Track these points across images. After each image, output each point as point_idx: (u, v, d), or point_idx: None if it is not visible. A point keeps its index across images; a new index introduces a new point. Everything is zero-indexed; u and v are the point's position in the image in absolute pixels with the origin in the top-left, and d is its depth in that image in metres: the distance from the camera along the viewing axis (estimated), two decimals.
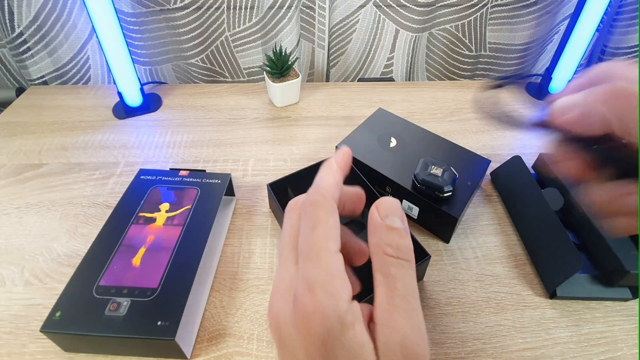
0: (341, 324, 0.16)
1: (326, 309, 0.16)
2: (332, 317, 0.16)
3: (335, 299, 0.16)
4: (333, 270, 0.17)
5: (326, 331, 0.16)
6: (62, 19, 0.71)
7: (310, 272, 0.17)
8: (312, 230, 0.18)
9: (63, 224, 0.49)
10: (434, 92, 0.77)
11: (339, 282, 0.17)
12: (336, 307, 0.16)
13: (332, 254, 0.17)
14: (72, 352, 0.37)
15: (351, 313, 0.16)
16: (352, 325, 0.16)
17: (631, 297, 0.41)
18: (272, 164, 0.59)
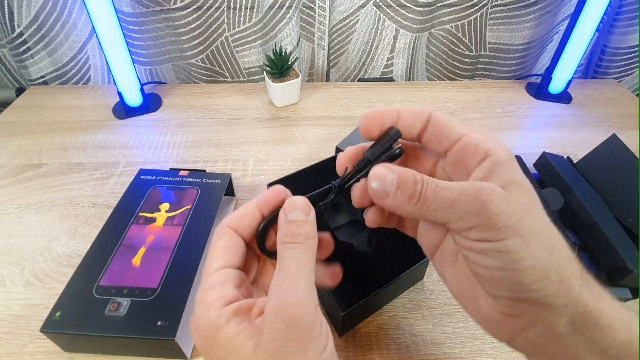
0: (214, 327, 0.18)
1: (199, 321, 0.19)
2: (205, 326, 0.19)
3: (206, 310, 0.19)
4: (208, 285, 0.20)
5: (203, 338, 0.19)
6: (62, 19, 0.71)
7: (198, 292, 0.20)
8: (207, 256, 0.21)
9: (63, 224, 0.49)
10: (434, 92, 0.77)
11: (211, 295, 0.19)
12: (207, 317, 0.18)
13: (212, 273, 0.20)
14: (72, 352, 0.37)
15: (224, 314, 0.18)
16: (227, 323, 0.18)
17: (631, 297, 0.41)
18: (272, 164, 0.59)
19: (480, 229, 0.18)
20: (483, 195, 0.18)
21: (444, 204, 0.19)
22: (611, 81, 0.82)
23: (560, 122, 0.69)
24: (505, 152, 0.20)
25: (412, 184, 0.19)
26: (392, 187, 0.19)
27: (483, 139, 0.20)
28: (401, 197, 0.19)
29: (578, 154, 0.55)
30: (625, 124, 0.69)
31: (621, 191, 0.45)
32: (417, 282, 0.43)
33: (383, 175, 0.20)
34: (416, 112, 0.22)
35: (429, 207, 0.19)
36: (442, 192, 0.19)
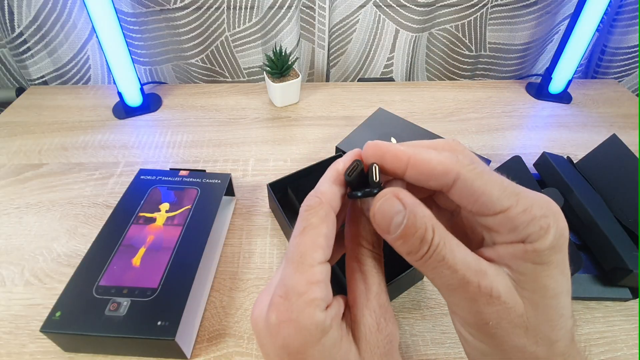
0: (321, 329, 0.16)
1: (302, 318, 0.16)
2: (309, 326, 0.16)
3: (313, 308, 0.16)
4: (314, 279, 0.17)
5: (302, 339, 0.16)
6: (62, 19, 0.71)
7: (289, 278, 0.17)
8: (301, 235, 0.18)
9: (63, 224, 0.49)
10: (434, 92, 0.77)
11: (316, 291, 0.17)
12: (313, 316, 0.16)
13: (315, 264, 0.17)
14: (72, 352, 0.37)
15: (329, 317, 0.17)
16: (331, 326, 0.17)
17: (631, 297, 0.41)
18: (272, 164, 0.59)
19: (466, 321, 0.17)
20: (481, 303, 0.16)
21: (441, 282, 0.17)
22: (611, 81, 0.82)
23: (560, 122, 0.69)
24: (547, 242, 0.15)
25: (419, 242, 0.16)
26: (396, 232, 0.16)
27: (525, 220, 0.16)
28: (401, 246, 0.17)
29: (578, 154, 0.55)
30: (625, 124, 0.69)
31: (621, 191, 0.45)
32: (417, 282, 0.43)
33: (390, 213, 0.16)
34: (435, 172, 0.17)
35: (425, 272, 0.17)
36: (444, 270, 0.16)
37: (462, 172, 0.16)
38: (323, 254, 0.17)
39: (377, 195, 0.17)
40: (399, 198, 0.16)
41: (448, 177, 0.17)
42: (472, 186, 0.16)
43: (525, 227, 0.16)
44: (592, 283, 0.41)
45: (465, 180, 0.16)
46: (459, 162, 0.17)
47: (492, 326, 0.16)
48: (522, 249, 0.16)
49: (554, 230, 0.16)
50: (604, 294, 0.41)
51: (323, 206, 0.18)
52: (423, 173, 0.17)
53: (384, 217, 0.17)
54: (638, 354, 0.19)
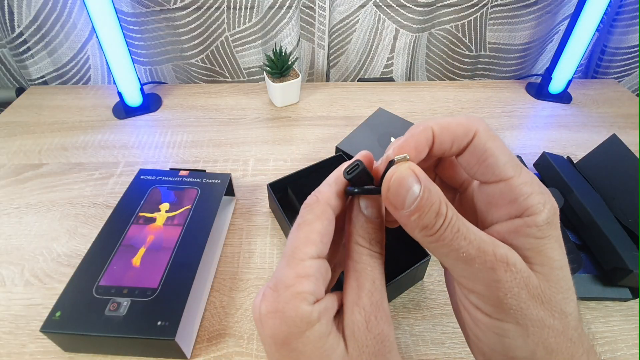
0: (306, 321, 0.16)
1: (286, 309, 0.16)
2: (293, 316, 0.16)
3: (298, 300, 0.17)
4: (303, 273, 0.17)
5: (287, 329, 0.17)
6: (62, 19, 0.71)
7: (281, 271, 0.17)
8: (295, 231, 0.18)
9: (63, 224, 0.49)
10: (434, 92, 0.77)
11: (305, 285, 0.17)
12: (298, 308, 0.16)
13: (306, 258, 0.17)
14: (72, 352, 0.37)
15: (317, 311, 0.17)
16: (318, 319, 0.17)
17: (631, 297, 0.41)
18: (272, 164, 0.59)
19: (482, 298, 0.17)
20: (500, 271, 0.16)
21: (457, 255, 0.16)
22: (611, 81, 0.82)
23: (560, 122, 0.69)
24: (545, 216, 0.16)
25: (434, 215, 0.16)
26: (412, 206, 0.16)
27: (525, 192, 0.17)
28: (416, 222, 0.16)
29: (578, 154, 0.55)
30: (625, 124, 0.69)
31: (621, 191, 0.45)
32: (417, 282, 0.43)
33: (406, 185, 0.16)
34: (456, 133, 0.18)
35: (439, 247, 0.16)
36: (461, 241, 0.16)
37: (479, 130, 0.17)
38: (315, 249, 0.18)
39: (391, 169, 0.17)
40: (415, 172, 0.16)
41: (467, 136, 0.17)
42: (484, 145, 0.17)
43: (525, 200, 0.16)
44: (592, 283, 0.41)
45: (480, 138, 0.17)
46: (478, 122, 0.18)
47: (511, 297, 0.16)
48: (522, 223, 0.16)
49: (549, 205, 0.16)
50: (604, 294, 0.41)
51: (319, 204, 0.19)
52: (446, 139, 0.18)
53: (399, 190, 0.16)
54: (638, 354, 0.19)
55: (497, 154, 0.17)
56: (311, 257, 0.17)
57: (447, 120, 0.18)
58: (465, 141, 0.18)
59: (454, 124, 0.18)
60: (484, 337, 0.17)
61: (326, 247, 0.18)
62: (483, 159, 0.17)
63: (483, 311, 0.17)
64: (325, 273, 0.18)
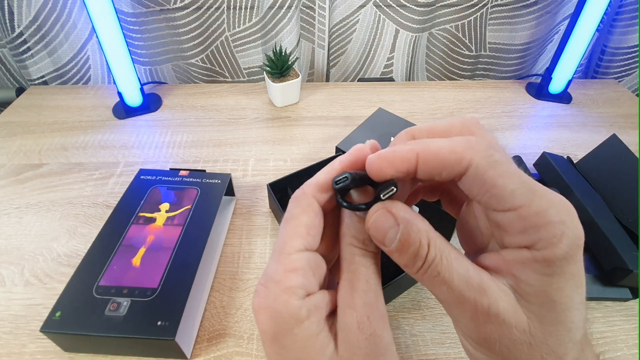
0: (294, 318, 0.16)
1: (276, 305, 0.16)
2: (283, 313, 0.16)
3: (287, 295, 0.16)
4: (291, 267, 0.17)
5: (276, 325, 0.16)
6: (62, 19, 0.71)
7: (270, 267, 0.17)
8: (284, 226, 0.18)
9: (63, 224, 0.49)
10: (434, 92, 0.77)
11: (293, 279, 0.17)
12: (287, 303, 0.16)
13: (293, 252, 0.17)
14: (72, 352, 0.37)
15: (306, 307, 0.16)
16: (307, 317, 0.16)
17: (631, 297, 0.41)
18: (272, 164, 0.59)
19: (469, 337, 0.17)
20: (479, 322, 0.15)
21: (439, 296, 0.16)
22: (611, 81, 0.82)
23: (560, 122, 0.69)
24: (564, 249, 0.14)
25: (413, 257, 0.16)
26: (391, 246, 0.16)
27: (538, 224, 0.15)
28: (397, 259, 0.17)
29: (578, 154, 0.55)
30: (625, 124, 0.69)
31: (621, 191, 0.45)
32: (417, 282, 0.43)
33: (383, 227, 0.16)
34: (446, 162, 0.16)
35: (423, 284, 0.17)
36: (441, 286, 0.16)
37: (475, 159, 0.15)
38: (303, 242, 0.17)
39: (370, 209, 0.17)
40: (392, 213, 0.16)
41: (460, 166, 0.15)
42: (484, 176, 0.15)
43: (537, 231, 0.14)
44: (592, 283, 0.41)
45: (477, 168, 0.15)
46: (473, 148, 0.15)
47: (493, 342, 0.16)
48: (531, 257, 0.15)
49: (568, 238, 0.14)
50: (604, 294, 0.41)
51: (305, 196, 0.18)
52: (434, 167, 0.16)
53: (377, 232, 0.17)
54: (638, 354, 0.19)
55: (500, 183, 0.15)
56: (299, 250, 0.17)
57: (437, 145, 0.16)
58: (458, 170, 0.15)
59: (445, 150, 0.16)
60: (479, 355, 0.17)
61: (315, 239, 0.18)
62: (484, 191, 0.15)
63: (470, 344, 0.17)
64: (316, 266, 0.18)
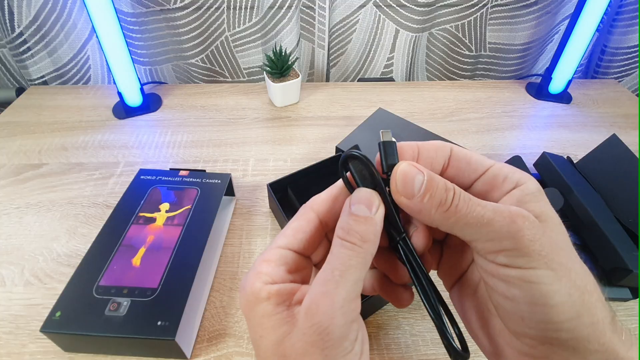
0: (255, 297, 0.18)
1: (246, 286, 0.19)
2: (248, 292, 0.19)
3: (254, 277, 0.19)
4: (267, 258, 0.20)
5: (244, 301, 0.19)
6: (62, 19, 0.71)
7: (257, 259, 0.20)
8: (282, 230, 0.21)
9: (63, 224, 0.49)
10: (434, 92, 0.77)
11: (264, 267, 0.19)
12: (253, 284, 0.19)
13: (274, 248, 0.20)
14: (72, 352, 0.37)
15: (267, 290, 0.18)
16: (267, 298, 0.18)
17: (631, 297, 0.41)
18: (272, 164, 0.59)
19: (510, 253, 0.17)
20: (519, 220, 0.17)
21: (476, 220, 0.17)
22: (611, 81, 0.82)
23: (560, 122, 0.69)
24: (534, 184, 0.19)
25: (444, 190, 0.18)
26: (421, 189, 0.18)
27: (512, 170, 0.19)
28: (429, 202, 0.18)
29: (578, 154, 0.55)
30: (625, 124, 0.69)
31: (621, 191, 0.45)
32: None
33: (411, 174, 0.18)
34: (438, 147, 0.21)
35: (459, 219, 0.18)
36: (475, 207, 0.17)
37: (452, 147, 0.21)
38: (285, 240, 0.20)
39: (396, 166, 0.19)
40: (414, 165, 0.19)
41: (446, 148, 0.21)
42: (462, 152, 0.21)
43: (513, 174, 0.19)
44: None
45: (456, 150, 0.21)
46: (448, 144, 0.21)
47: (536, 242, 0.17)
48: (520, 192, 0.19)
49: (531, 177, 0.19)
50: (604, 294, 0.41)
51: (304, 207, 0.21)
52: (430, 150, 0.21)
53: (406, 180, 0.18)
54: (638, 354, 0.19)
55: (474, 154, 0.21)
56: (278, 247, 0.20)
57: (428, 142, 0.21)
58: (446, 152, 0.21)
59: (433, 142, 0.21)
60: (520, 293, 0.17)
61: (298, 241, 0.20)
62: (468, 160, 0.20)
63: (514, 265, 0.17)
64: (291, 262, 0.20)
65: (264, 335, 0.18)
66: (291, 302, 0.19)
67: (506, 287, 0.18)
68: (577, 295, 0.17)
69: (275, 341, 0.18)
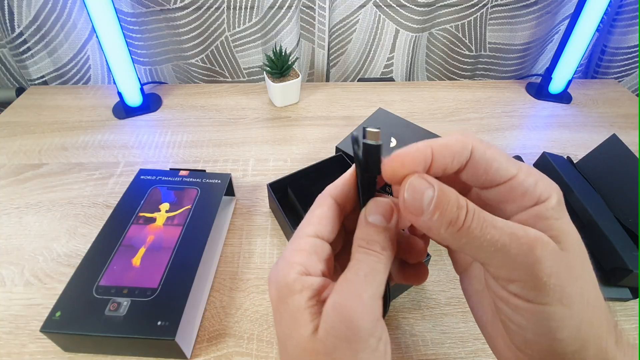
0: (289, 288, 0.18)
1: (278, 277, 0.19)
2: (281, 283, 0.19)
3: (288, 269, 0.19)
4: (298, 247, 0.19)
5: (276, 293, 0.19)
6: (62, 19, 0.71)
7: (285, 248, 0.20)
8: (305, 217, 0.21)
9: (63, 224, 0.49)
10: (434, 92, 0.77)
11: (297, 256, 0.19)
12: (286, 276, 0.19)
13: (304, 236, 0.20)
14: (72, 352, 0.37)
15: (300, 282, 0.18)
16: (300, 291, 0.18)
17: (631, 297, 0.41)
18: (272, 164, 0.59)
19: (523, 285, 0.16)
20: (538, 250, 0.16)
21: (489, 244, 0.16)
22: (611, 81, 0.82)
23: (560, 122, 0.69)
24: (557, 197, 0.18)
25: (455, 208, 0.16)
26: (430, 206, 0.17)
27: (533, 183, 0.18)
28: (439, 220, 0.16)
29: (578, 154, 0.55)
30: (625, 124, 0.69)
31: (621, 191, 0.45)
32: None
33: (420, 189, 0.17)
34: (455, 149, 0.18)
35: (470, 241, 0.16)
36: (490, 229, 0.16)
37: (475, 144, 0.18)
38: (312, 228, 0.20)
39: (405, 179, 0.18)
40: (424, 177, 0.17)
41: (466, 150, 0.18)
42: (484, 155, 0.18)
43: (534, 189, 0.17)
44: None
45: (478, 150, 0.18)
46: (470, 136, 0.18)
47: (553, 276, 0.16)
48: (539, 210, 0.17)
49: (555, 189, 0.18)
50: (604, 294, 0.41)
51: (322, 195, 0.21)
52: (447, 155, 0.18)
53: (415, 197, 0.17)
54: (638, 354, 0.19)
55: (498, 158, 0.18)
56: (307, 235, 0.20)
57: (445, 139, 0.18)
58: (465, 155, 0.18)
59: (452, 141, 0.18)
60: (528, 324, 0.17)
61: (325, 228, 0.20)
62: (489, 167, 0.18)
63: (525, 298, 0.17)
64: (321, 250, 0.20)
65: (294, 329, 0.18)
66: (320, 298, 0.19)
67: (514, 314, 0.18)
68: (586, 329, 0.17)
69: (308, 335, 0.18)
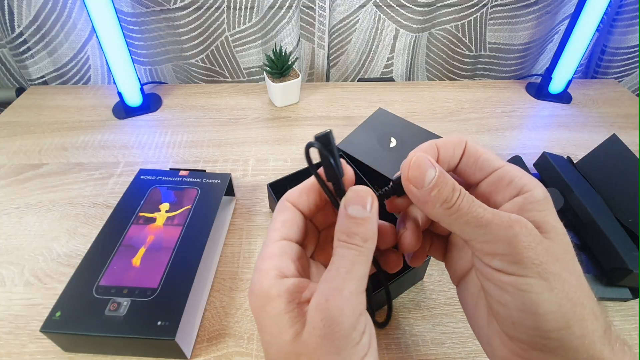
0: (266, 296, 0.19)
1: (254, 287, 0.19)
2: (257, 292, 0.19)
3: (262, 277, 0.19)
4: (268, 254, 0.20)
5: (255, 303, 0.19)
6: (62, 19, 0.71)
7: (257, 259, 0.21)
8: (268, 230, 0.22)
9: (63, 224, 0.49)
10: (434, 92, 0.77)
11: (268, 263, 0.20)
12: (262, 284, 0.19)
13: (271, 243, 0.21)
14: (72, 352, 0.37)
15: (276, 287, 0.19)
16: (277, 297, 0.18)
17: (631, 297, 0.41)
18: (272, 164, 0.59)
19: (504, 258, 0.18)
20: (517, 226, 0.18)
21: (475, 220, 0.18)
22: (611, 81, 0.82)
23: (560, 122, 0.69)
24: (541, 192, 0.19)
25: (451, 190, 0.19)
26: (431, 183, 0.19)
27: (519, 174, 0.20)
28: (436, 196, 0.19)
29: (578, 154, 0.55)
30: (625, 124, 0.69)
31: (621, 191, 0.45)
32: (417, 282, 0.43)
33: (424, 165, 0.19)
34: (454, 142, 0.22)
35: (459, 217, 0.19)
36: (477, 208, 0.18)
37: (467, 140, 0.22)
38: (278, 233, 0.21)
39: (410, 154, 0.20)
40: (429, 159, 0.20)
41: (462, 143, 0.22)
42: (475, 148, 0.22)
43: (520, 180, 0.20)
44: (592, 283, 0.41)
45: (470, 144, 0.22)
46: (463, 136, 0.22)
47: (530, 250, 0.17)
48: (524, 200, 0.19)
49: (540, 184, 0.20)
50: (604, 294, 0.41)
51: (281, 202, 0.22)
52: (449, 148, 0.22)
53: (419, 170, 0.19)
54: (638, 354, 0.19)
55: (486, 152, 0.21)
56: (275, 241, 0.21)
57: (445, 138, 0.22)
58: (461, 147, 0.22)
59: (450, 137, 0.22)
60: (512, 299, 0.18)
61: (290, 229, 0.21)
62: (478, 157, 0.21)
63: (507, 272, 0.18)
64: (291, 251, 0.21)
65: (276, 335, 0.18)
66: (300, 299, 0.19)
67: (499, 292, 0.19)
68: (569, 306, 0.17)
69: (289, 340, 0.18)
